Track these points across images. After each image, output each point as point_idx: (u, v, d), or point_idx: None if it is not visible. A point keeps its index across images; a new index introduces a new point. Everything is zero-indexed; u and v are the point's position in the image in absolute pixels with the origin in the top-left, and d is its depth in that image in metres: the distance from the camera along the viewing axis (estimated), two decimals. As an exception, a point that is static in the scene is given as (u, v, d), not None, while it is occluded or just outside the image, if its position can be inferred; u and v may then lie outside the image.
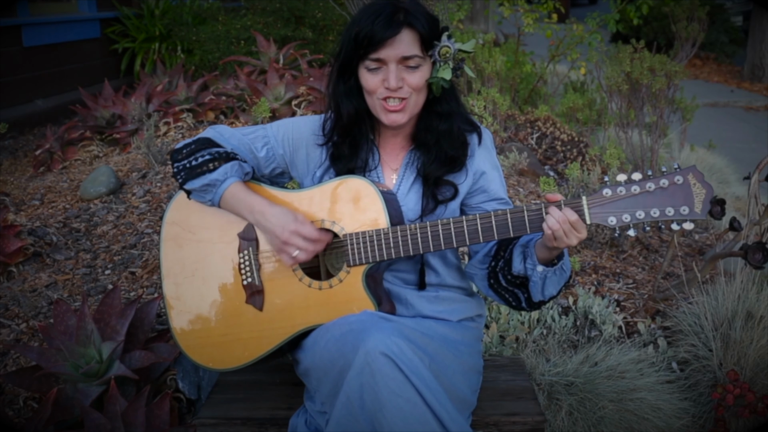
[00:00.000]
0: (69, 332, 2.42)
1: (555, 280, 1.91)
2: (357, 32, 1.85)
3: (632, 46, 5.04)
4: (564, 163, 4.96)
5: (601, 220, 1.78)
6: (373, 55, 1.85)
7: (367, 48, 1.85)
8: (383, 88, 1.87)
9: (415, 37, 1.86)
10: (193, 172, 1.96)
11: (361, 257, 1.90)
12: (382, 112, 1.92)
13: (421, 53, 1.87)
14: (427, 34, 1.87)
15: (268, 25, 6.53)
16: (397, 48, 1.84)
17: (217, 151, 1.97)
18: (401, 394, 1.66)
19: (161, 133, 4.76)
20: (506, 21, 7.15)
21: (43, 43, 6.42)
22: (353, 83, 1.93)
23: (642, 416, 2.50)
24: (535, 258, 1.89)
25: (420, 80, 1.89)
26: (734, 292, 2.82)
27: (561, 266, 1.90)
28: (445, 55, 1.88)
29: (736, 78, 13.45)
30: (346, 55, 1.90)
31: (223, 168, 1.94)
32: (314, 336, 1.89)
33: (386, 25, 1.83)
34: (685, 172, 1.74)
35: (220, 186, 1.94)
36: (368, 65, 1.87)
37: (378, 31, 1.82)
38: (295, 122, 2.09)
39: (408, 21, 1.85)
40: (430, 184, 1.98)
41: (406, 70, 1.87)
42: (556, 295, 1.96)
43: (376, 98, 1.90)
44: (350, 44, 1.88)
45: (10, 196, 4.11)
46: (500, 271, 1.98)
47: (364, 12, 1.87)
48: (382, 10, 1.85)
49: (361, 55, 1.87)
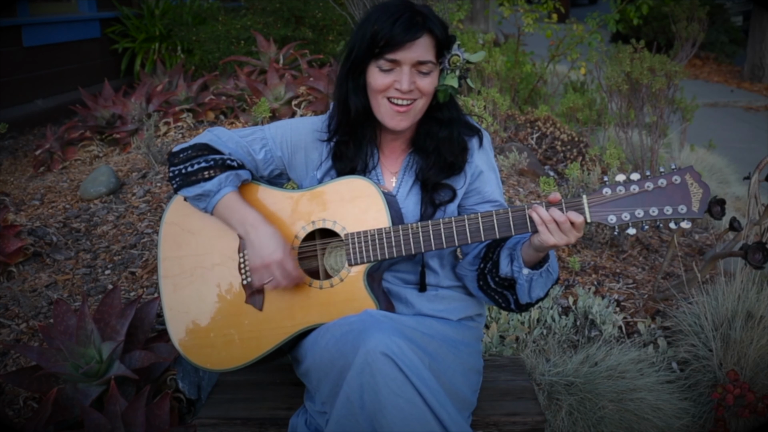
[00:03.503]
0: (69, 332, 2.42)
1: (541, 283, 1.92)
2: (375, 32, 1.85)
3: (632, 46, 5.04)
4: (564, 163, 4.96)
5: (601, 218, 1.79)
6: (390, 55, 1.85)
7: (384, 48, 1.85)
8: (393, 89, 1.88)
9: (432, 42, 1.87)
10: (188, 179, 1.96)
11: (362, 256, 1.90)
12: (386, 114, 1.92)
13: (434, 59, 1.88)
14: (443, 41, 1.88)
15: (268, 25, 6.53)
16: (414, 52, 1.85)
17: (214, 159, 1.96)
18: (401, 394, 1.66)
19: (161, 133, 4.76)
20: (506, 21, 7.14)
21: (43, 43, 6.41)
22: (361, 82, 1.93)
23: (642, 416, 2.50)
24: (521, 261, 1.90)
25: (430, 86, 1.90)
26: (734, 292, 2.82)
27: (547, 269, 1.91)
28: (454, 63, 1.90)
29: (736, 78, 13.45)
30: (359, 53, 1.90)
31: (217, 178, 1.93)
32: (314, 336, 1.89)
33: (407, 28, 1.83)
34: (683, 172, 1.77)
35: (213, 197, 1.94)
36: (381, 65, 1.87)
37: (398, 34, 1.82)
38: (294, 124, 2.09)
39: (428, 27, 1.86)
40: (428, 189, 1.99)
41: (418, 75, 1.88)
42: (543, 297, 1.97)
43: (382, 98, 1.90)
44: (365, 43, 1.87)
45: (10, 196, 4.11)
46: (488, 273, 1.98)
47: (381, 12, 1.87)
48: (401, 13, 1.85)
49: (375, 54, 1.87)
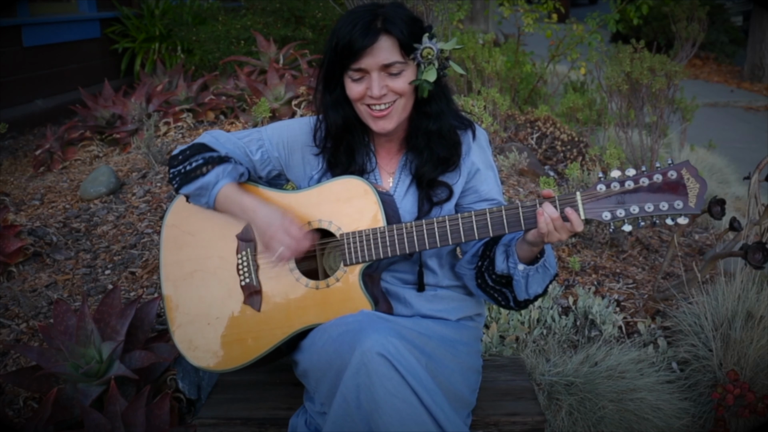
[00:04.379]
0: (69, 332, 2.42)
1: (538, 278, 1.91)
2: (336, 42, 1.85)
3: (632, 46, 5.04)
4: (564, 163, 4.96)
5: (595, 215, 1.77)
6: (354, 65, 1.84)
7: (348, 58, 1.84)
8: (368, 96, 1.87)
9: (394, 43, 1.84)
10: (188, 176, 1.98)
11: (358, 256, 1.90)
12: (369, 120, 1.92)
13: (401, 59, 1.85)
14: (405, 39, 1.84)
15: (268, 25, 6.53)
16: (377, 56, 1.83)
17: (210, 155, 1.98)
18: (397, 394, 1.66)
19: (161, 133, 4.76)
20: (506, 21, 7.15)
21: (43, 43, 6.41)
22: (339, 92, 1.93)
23: (642, 416, 2.50)
24: (516, 257, 1.89)
25: (404, 85, 1.88)
26: (734, 292, 2.82)
27: (543, 264, 1.89)
28: (427, 56, 1.86)
29: (736, 78, 13.45)
30: (329, 66, 1.90)
31: (215, 171, 1.95)
32: (312, 336, 1.90)
33: (363, 34, 1.81)
34: (679, 167, 1.74)
35: (213, 188, 1.95)
36: (351, 75, 1.87)
37: (356, 41, 1.81)
38: (290, 125, 2.09)
39: (385, 28, 1.83)
40: (424, 186, 1.98)
41: (389, 77, 1.86)
42: (542, 293, 1.96)
43: (361, 105, 1.90)
44: (332, 55, 1.88)
45: (10, 196, 4.11)
46: (485, 271, 1.98)
47: (344, 20, 1.86)
48: (359, 19, 1.83)
49: (344, 65, 1.86)
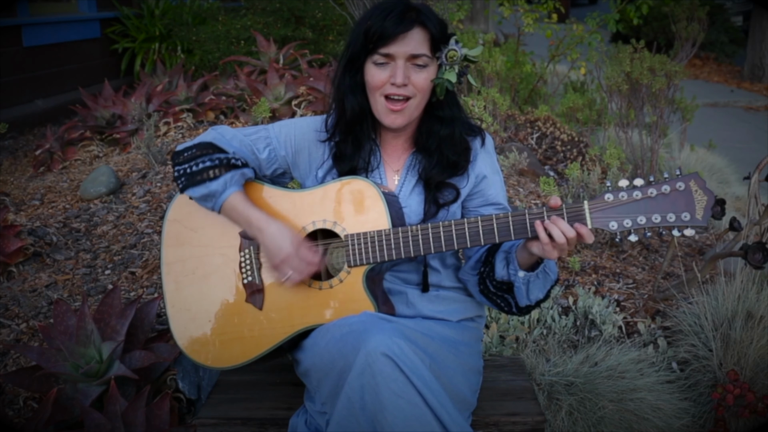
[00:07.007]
0: (69, 332, 2.42)
1: (539, 284, 1.91)
2: (368, 27, 1.87)
3: (632, 46, 5.03)
4: (564, 163, 4.96)
5: (603, 225, 1.76)
6: (383, 49, 1.87)
7: (377, 42, 1.86)
8: (389, 84, 1.89)
9: (426, 36, 1.88)
10: (194, 179, 1.95)
11: (361, 258, 1.90)
12: (383, 112, 1.93)
13: (429, 53, 1.89)
14: (437, 35, 1.89)
15: (268, 25, 6.53)
16: (407, 45, 1.86)
17: (218, 158, 1.95)
18: (402, 395, 1.65)
19: (161, 133, 4.76)
20: (506, 21, 7.15)
21: (43, 43, 6.41)
22: (359, 79, 1.95)
23: (642, 416, 2.50)
24: (516, 263, 1.89)
25: (425, 81, 1.90)
26: (734, 292, 2.82)
27: (543, 269, 1.89)
28: (452, 58, 1.90)
29: (736, 78, 13.45)
30: (354, 50, 1.92)
31: (222, 178, 1.93)
32: (314, 336, 1.89)
33: (398, 21, 1.85)
34: (687, 179, 1.73)
35: (219, 197, 1.94)
36: (376, 59, 1.89)
37: (389, 27, 1.85)
38: (297, 123, 2.09)
39: (420, 20, 1.88)
40: (431, 189, 1.99)
41: (413, 68, 1.89)
42: (544, 298, 1.95)
43: (379, 95, 1.91)
44: (360, 39, 1.90)
45: (10, 196, 4.11)
46: (487, 277, 1.98)
47: (376, 9, 1.90)
48: (393, 8, 1.87)
49: (370, 50, 1.89)
